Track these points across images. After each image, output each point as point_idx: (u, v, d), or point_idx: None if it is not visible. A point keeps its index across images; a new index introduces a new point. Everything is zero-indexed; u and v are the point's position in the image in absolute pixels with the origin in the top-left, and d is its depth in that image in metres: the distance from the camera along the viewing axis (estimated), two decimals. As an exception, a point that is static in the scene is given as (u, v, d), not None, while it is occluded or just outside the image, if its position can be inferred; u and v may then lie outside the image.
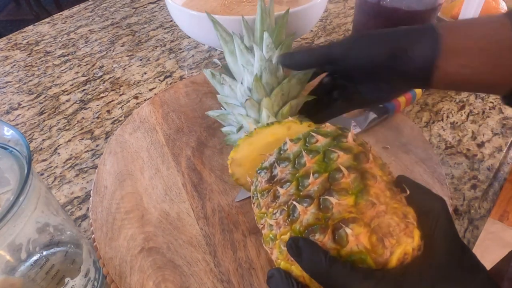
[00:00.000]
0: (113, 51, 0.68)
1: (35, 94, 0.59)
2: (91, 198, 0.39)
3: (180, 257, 0.34)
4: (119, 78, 0.62)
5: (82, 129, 0.52)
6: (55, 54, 0.68)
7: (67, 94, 0.58)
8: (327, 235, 0.22)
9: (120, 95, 0.58)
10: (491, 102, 0.54)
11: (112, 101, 0.57)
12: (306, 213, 0.23)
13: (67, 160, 0.48)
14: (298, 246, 0.23)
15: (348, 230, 0.22)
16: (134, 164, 0.43)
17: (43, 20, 0.80)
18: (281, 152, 0.29)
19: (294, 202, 0.24)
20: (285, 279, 0.24)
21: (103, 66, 0.64)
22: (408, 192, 0.25)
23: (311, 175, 0.24)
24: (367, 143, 0.28)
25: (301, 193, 0.25)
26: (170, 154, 0.44)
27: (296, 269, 0.24)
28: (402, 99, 0.47)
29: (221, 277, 0.33)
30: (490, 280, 0.22)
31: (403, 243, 0.22)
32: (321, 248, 0.23)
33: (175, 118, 0.49)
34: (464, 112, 0.52)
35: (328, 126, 0.29)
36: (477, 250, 0.32)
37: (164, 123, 0.48)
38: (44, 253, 0.28)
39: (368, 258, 0.22)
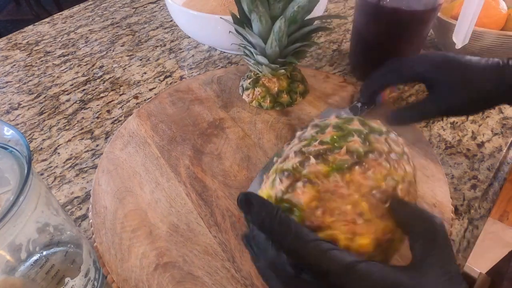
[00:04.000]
0: (113, 51, 0.69)
1: (35, 94, 0.59)
2: (91, 220, 0.38)
3: (198, 268, 0.33)
4: (119, 78, 0.62)
5: (82, 129, 0.52)
6: (55, 54, 0.69)
7: (67, 94, 0.58)
8: (289, 180, 0.26)
9: (120, 95, 0.58)
10: (491, 102, 0.54)
11: (112, 101, 0.57)
12: (290, 160, 0.27)
13: (67, 160, 0.48)
14: (250, 200, 0.24)
15: (300, 184, 0.25)
16: (131, 180, 0.41)
17: (43, 20, 0.80)
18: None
19: (292, 151, 0.28)
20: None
21: (103, 66, 0.64)
22: (387, 203, 0.25)
23: (317, 141, 0.27)
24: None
25: (302, 148, 0.27)
26: (167, 165, 0.43)
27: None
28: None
29: (245, 282, 0.32)
30: None
31: (335, 229, 0.24)
32: (270, 203, 0.24)
33: (166, 128, 0.48)
34: (464, 112, 0.52)
35: (378, 123, 0.30)
36: (477, 250, 0.32)
37: (155, 134, 0.47)
38: (44, 253, 0.28)
39: (297, 212, 0.25)
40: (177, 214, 0.38)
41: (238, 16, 0.45)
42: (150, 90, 0.59)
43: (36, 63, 0.66)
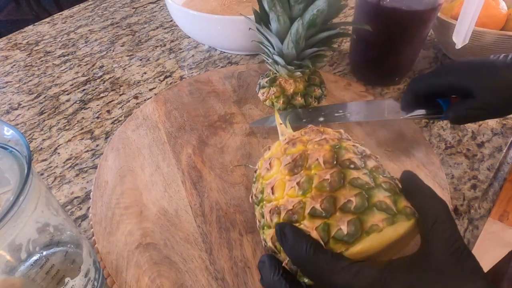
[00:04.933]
0: (113, 51, 0.69)
1: (35, 94, 0.59)
2: (92, 192, 0.40)
3: (176, 253, 0.34)
4: (119, 78, 0.62)
5: (82, 129, 0.52)
6: (55, 54, 0.69)
7: (67, 94, 0.58)
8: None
9: (120, 95, 0.58)
10: (491, 102, 0.54)
11: (112, 101, 0.57)
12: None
13: (67, 160, 0.48)
14: (284, 231, 0.24)
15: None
16: (135, 161, 0.43)
17: (43, 20, 0.80)
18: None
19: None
20: (271, 264, 0.25)
21: (103, 66, 0.64)
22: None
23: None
24: None
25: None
26: (171, 151, 0.44)
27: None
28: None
29: (216, 275, 0.33)
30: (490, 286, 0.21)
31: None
32: (305, 235, 0.24)
33: (178, 116, 0.49)
34: (464, 112, 0.52)
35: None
36: (477, 250, 0.32)
37: (167, 120, 0.49)
38: (44, 253, 0.28)
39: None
40: (169, 199, 0.39)
41: (259, 13, 0.45)
42: (150, 90, 0.59)
43: (36, 63, 0.66)
